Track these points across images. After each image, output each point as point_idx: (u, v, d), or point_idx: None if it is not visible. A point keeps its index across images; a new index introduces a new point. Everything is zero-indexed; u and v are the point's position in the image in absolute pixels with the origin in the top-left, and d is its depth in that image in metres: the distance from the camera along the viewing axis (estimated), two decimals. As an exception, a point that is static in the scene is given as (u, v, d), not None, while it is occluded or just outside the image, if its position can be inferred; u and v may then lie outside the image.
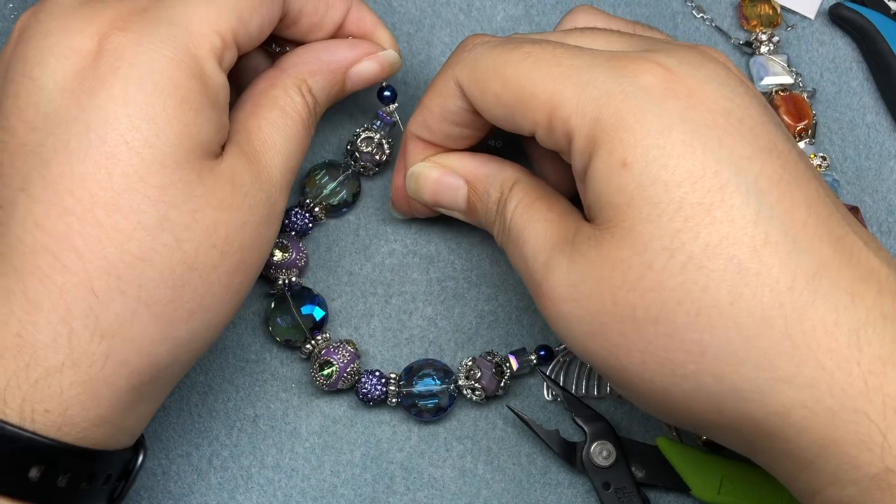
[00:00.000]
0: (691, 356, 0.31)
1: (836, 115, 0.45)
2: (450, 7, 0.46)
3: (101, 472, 0.33)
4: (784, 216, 0.31)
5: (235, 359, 0.42)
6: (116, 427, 0.33)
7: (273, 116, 0.36)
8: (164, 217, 0.32)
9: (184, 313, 0.33)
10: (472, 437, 0.42)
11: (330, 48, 0.39)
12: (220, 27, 0.33)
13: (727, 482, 0.40)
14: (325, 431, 0.42)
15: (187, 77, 0.32)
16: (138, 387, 0.33)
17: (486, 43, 0.36)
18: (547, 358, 0.42)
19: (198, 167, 0.33)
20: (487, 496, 0.41)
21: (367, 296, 0.43)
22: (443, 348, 0.43)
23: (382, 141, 0.43)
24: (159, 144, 0.32)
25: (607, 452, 0.40)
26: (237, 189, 0.34)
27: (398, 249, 0.44)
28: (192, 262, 0.32)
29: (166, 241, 0.32)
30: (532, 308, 0.43)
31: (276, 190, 0.36)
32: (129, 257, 0.31)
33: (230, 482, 0.41)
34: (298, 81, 0.38)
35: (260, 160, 0.35)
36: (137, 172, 0.31)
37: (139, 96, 0.32)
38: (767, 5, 0.46)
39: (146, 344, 0.32)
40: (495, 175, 0.38)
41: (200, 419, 0.42)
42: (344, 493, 0.41)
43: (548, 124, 0.33)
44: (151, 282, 0.32)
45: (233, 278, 0.34)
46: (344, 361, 0.41)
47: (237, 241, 0.34)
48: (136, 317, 0.32)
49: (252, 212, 0.34)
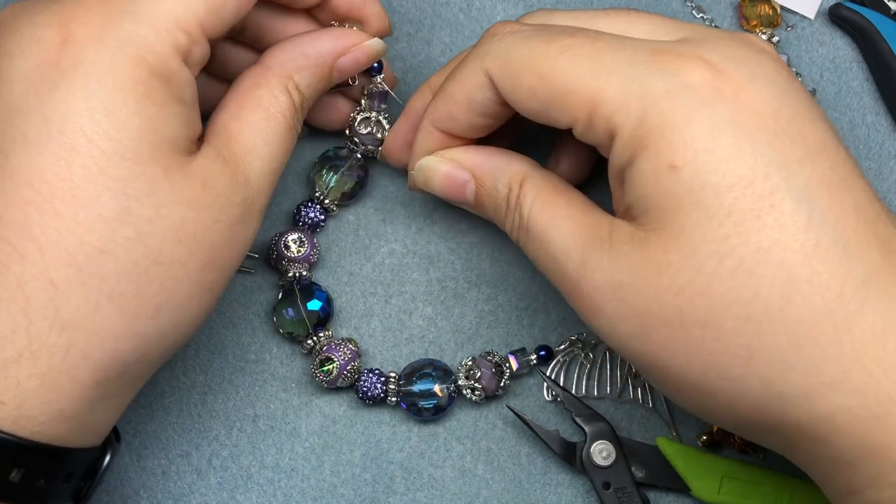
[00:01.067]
0: (738, 360, 0.31)
1: (836, 115, 0.45)
2: (450, 7, 0.46)
3: (61, 470, 0.32)
4: (835, 222, 0.31)
5: (235, 359, 0.42)
6: (80, 424, 0.32)
7: (256, 119, 0.36)
8: (126, 210, 0.31)
9: (150, 308, 0.32)
10: (472, 437, 0.42)
11: (315, 41, 0.38)
12: (187, 22, 0.33)
13: (727, 482, 0.40)
14: (325, 431, 0.42)
15: (149, 74, 0.32)
16: (103, 382, 0.32)
17: (518, 32, 0.35)
18: (547, 358, 0.42)
19: (163, 162, 0.32)
20: (487, 496, 0.41)
21: (367, 296, 0.43)
22: (443, 348, 0.43)
23: (380, 118, 0.43)
24: (120, 137, 0.31)
25: (607, 452, 0.40)
26: (208, 189, 0.33)
27: (398, 249, 0.44)
28: (157, 256, 0.32)
29: (128, 233, 0.31)
30: (532, 308, 0.43)
31: (255, 192, 0.35)
32: (90, 249, 0.31)
33: (230, 482, 0.41)
34: (284, 80, 0.37)
35: (238, 163, 0.35)
36: (97, 164, 0.31)
37: (100, 91, 0.31)
38: (767, 5, 0.46)
39: (110, 338, 0.32)
40: (503, 169, 0.37)
41: (200, 419, 0.42)
42: (344, 493, 0.41)
43: (587, 121, 0.33)
44: (113, 275, 0.31)
45: (203, 276, 0.33)
46: (345, 359, 0.41)
47: (207, 238, 0.33)
48: (99, 310, 0.31)
49: (225, 212, 0.34)
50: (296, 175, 0.44)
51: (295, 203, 0.43)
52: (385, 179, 0.44)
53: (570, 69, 0.33)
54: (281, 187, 0.44)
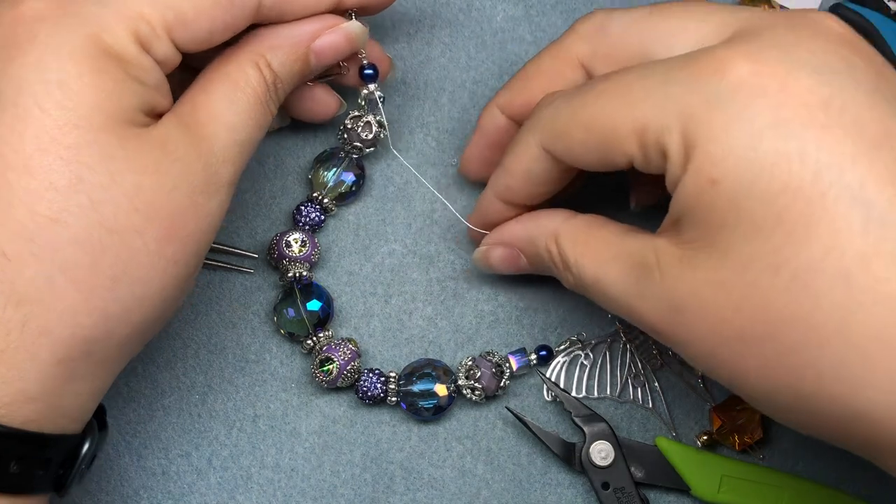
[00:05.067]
0: (807, 378, 0.29)
1: (836, 115, 0.45)
2: (450, 7, 0.46)
3: (35, 456, 0.32)
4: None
5: (235, 359, 0.42)
6: (49, 406, 0.32)
7: (223, 90, 0.35)
8: (78, 178, 0.31)
9: (106, 280, 0.31)
10: (472, 437, 0.42)
11: (291, 24, 0.38)
12: (152, 18, 0.33)
13: (727, 481, 0.40)
14: (325, 431, 0.42)
15: (105, 52, 0.32)
16: (67, 361, 0.31)
17: (562, 96, 0.35)
18: (547, 358, 0.42)
19: (119, 132, 0.32)
20: (487, 496, 0.41)
21: (367, 296, 0.43)
22: (443, 348, 0.43)
23: (375, 120, 0.42)
24: (72, 106, 0.31)
25: (606, 452, 0.40)
26: (167, 154, 0.33)
27: (398, 249, 0.44)
28: (112, 225, 0.31)
29: (81, 202, 0.31)
30: (532, 308, 0.43)
31: (219, 161, 0.34)
32: (41, 219, 0.30)
33: (230, 482, 0.41)
34: (255, 56, 0.36)
35: (201, 129, 0.34)
36: (49, 133, 0.31)
37: (54, 63, 0.31)
38: (767, 5, 0.46)
39: (68, 313, 0.31)
40: (536, 234, 0.38)
41: (200, 419, 0.42)
42: (344, 493, 0.41)
43: (641, 153, 0.32)
44: (67, 245, 0.31)
45: (163, 247, 0.33)
46: (345, 359, 0.41)
47: (166, 207, 0.32)
48: (53, 283, 0.31)
49: (184, 178, 0.33)
50: (295, 175, 0.44)
51: (295, 203, 0.43)
52: (385, 180, 0.44)
53: (608, 109, 0.33)
54: (281, 187, 0.44)
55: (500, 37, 0.46)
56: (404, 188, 0.44)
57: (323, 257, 0.43)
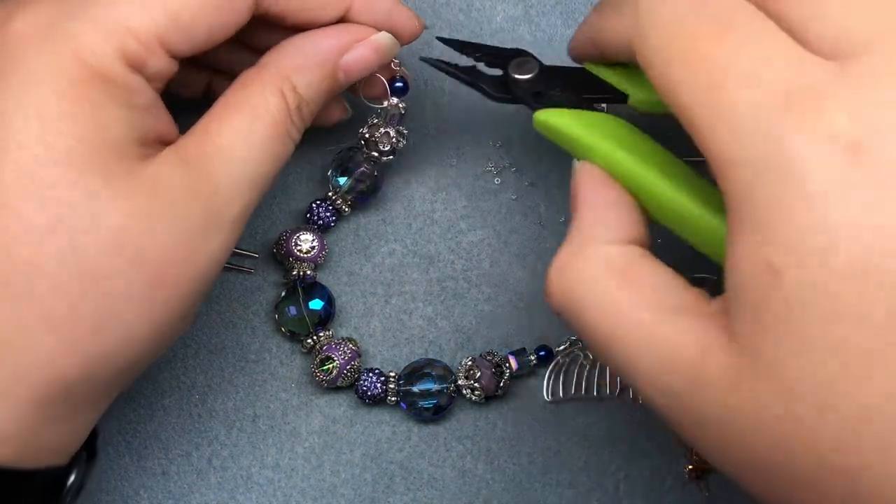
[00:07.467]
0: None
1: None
2: (450, 7, 0.46)
3: (13, 489, 0.30)
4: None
5: (235, 359, 0.42)
6: (27, 446, 0.30)
7: (239, 119, 0.33)
8: (58, 218, 0.29)
9: (87, 326, 0.30)
10: (472, 437, 0.42)
11: (315, 38, 0.36)
12: (141, 30, 0.31)
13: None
14: (325, 431, 0.42)
15: (89, 75, 0.30)
16: (45, 403, 0.30)
17: None
18: (547, 358, 0.42)
19: (104, 168, 0.30)
20: (487, 496, 0.41)
21: (366, 296, 0.43)
22: (443, 348, 0.43)
23: (391, 130, 0.42)
24: (53, 142, 0.29)
25: (529, 66, 0.37)
26: (158, 195, 0.31)
27: (398, 249, 0.44)
28: (93, 269, 0.29)
29: (60, 244, 0.29)
30: (532, 308, 0.43)
31: (223, 199, 0.32)
32: (18, 261, 0.29)
33: (230, 482, 0.41)
34: (280, 80, 0.34)
35: (205, 164, 0.32)
36: (29, 171, 0.29)
37: (33, 92, 0.29)
38: (766, 6, 0.46)
39: (45, 356, 0.29)
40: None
41: (200, 419, 0.42)
42: (344, 493, 0.41)
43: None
44: (45, 292, 0.29)
45: (152, 291, 0.31)
46: (345, 358, 0.41)
47: (155, 250, 0.30)
48: (29, 329, 0.29)
49: (178, 221, 0.31)
50: (296, 175, 0.44)
51: (294, 203, 0.43)
52: (384, 180, 0.44)
53: None
54: (281, 187, 0.44)
55: (500, 37, 0.46)
56: (405, 188, 0.44)
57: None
